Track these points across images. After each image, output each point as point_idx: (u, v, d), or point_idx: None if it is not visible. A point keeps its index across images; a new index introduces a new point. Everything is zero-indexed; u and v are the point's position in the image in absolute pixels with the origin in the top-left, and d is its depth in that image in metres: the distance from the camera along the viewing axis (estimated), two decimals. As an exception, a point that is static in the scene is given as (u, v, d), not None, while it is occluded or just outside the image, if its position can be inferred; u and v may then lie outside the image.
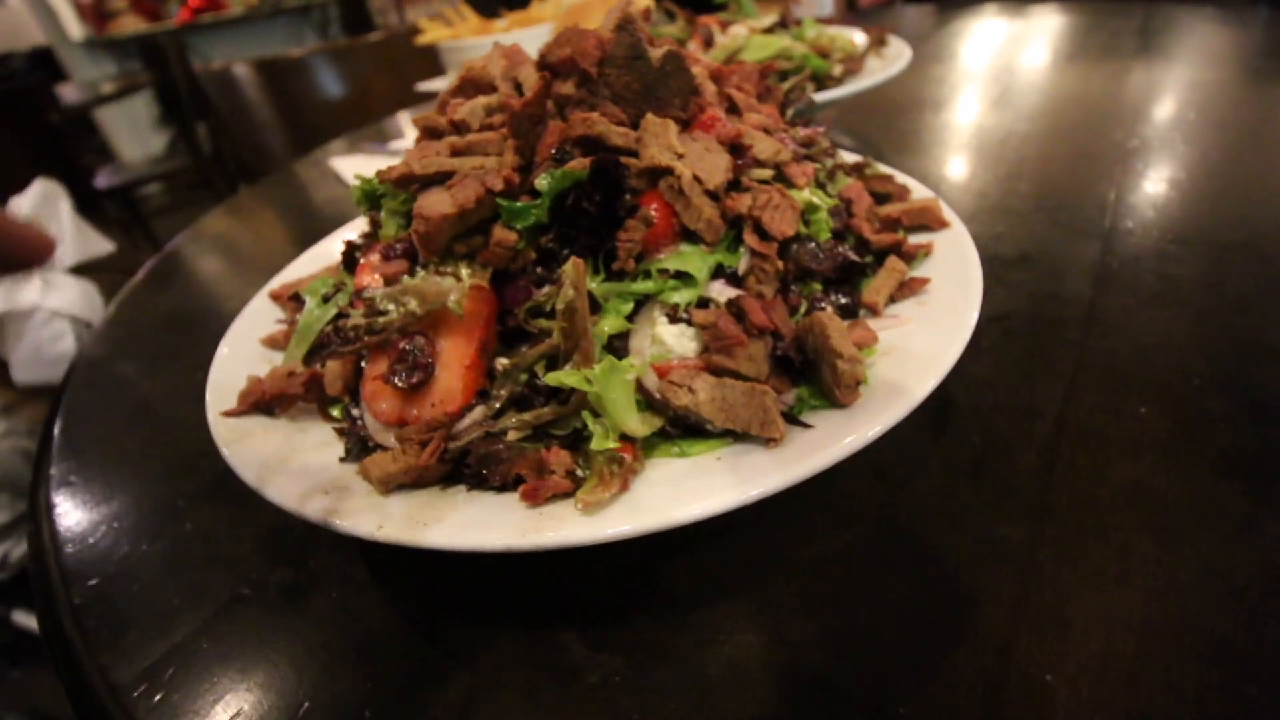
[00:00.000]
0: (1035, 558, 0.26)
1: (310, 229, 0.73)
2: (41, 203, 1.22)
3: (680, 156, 0.27)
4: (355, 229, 0.46)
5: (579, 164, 0.26)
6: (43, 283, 1.00)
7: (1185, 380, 0.33)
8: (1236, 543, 0.25)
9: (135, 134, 3.88)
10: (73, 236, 1.31)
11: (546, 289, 0.26)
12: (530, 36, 0.96)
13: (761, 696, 0.23)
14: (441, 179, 0.27)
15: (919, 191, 0.38)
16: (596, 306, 0.26)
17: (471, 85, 0.33)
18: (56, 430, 0.44)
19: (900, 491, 0.29)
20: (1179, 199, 0.49)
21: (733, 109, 0.34)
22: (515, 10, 1.09)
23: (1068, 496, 0.28)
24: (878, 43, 0.74)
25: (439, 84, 1.09)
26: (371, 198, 0.31)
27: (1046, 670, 0.22)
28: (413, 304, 0.25)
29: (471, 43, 0.96)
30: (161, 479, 0.37)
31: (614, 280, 0.26)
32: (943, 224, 0.35)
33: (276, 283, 0.40)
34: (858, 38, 0.75)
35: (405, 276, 0.27)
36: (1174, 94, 0.70)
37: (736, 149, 0.30)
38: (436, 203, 0.25)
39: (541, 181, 0.25)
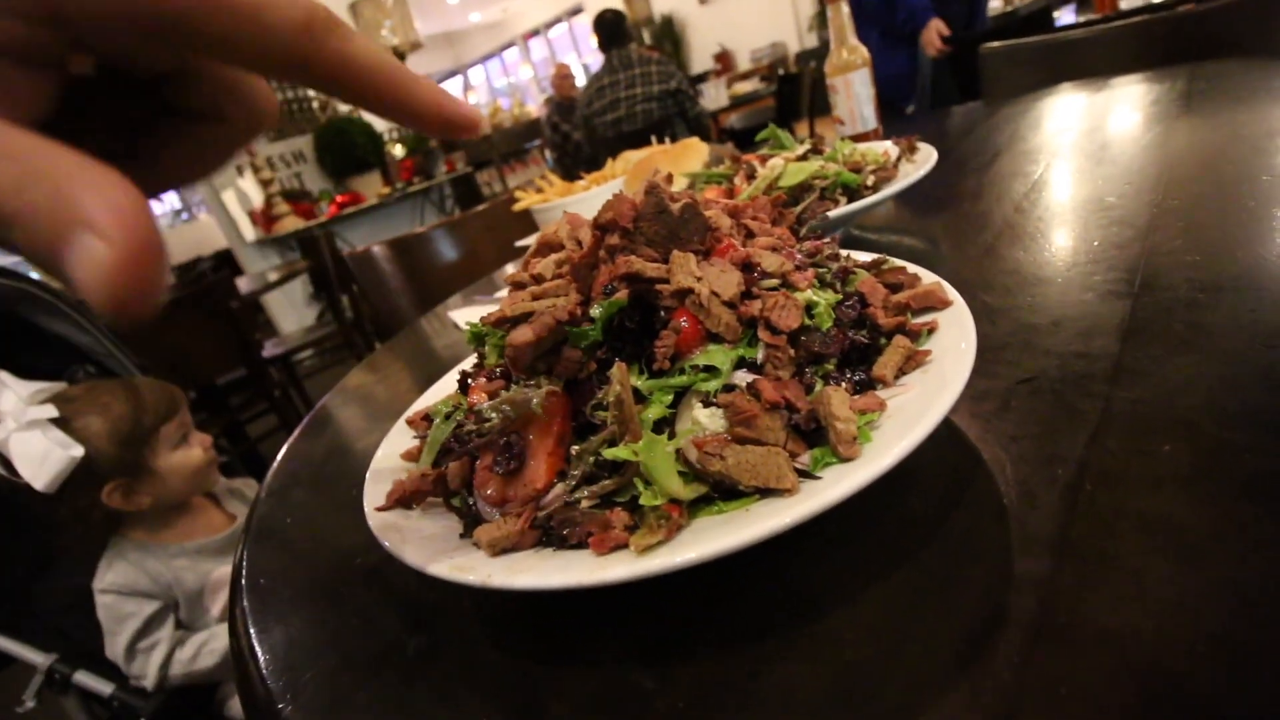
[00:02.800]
0: (1054, 585, 0.28)
1: (431, 371, 0.87)
2: None
3: (699, 279, 0.35)
4: (469, 364, 0.57)
5: (622, 294, 0.34)
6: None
7: (1210, 416, 0.35)
8: (1253, 558, 0.27)
9: (293, 310, 4.58)
10: None
11: (605, 389, 0.34)
12: (605, 192, 1.13)
13: (808, 712, 0.26)
14: (526, 317, 0.37)
15: (927, 278, 0.44)
16: (643, 399, 0.33)
17: (546, 247, 0.43)
18: (248, 543, 0.55)
19: (928, 537, 0.33)
20: (1213, 250, 0.51)
21: (751, 235, 0.43)
22: (592, 171, 1.28)
23: (1087, 530, 0.30)
24: (909, 150, 0.82)
25: (533, 239, 1.28)
26: (479, 337, 0.41)
27: (1059, 682, 0.25)
28: (508, 409, 0.34)
29: (558, 203, 1.14)
30: (328, 572, 0.47)
31: (655, 378, 0.34)
32: (946, 303, 0.40)
33: (410, 412, 0.50)
34: (890, 148, 0.83)
35: (503, 391, 0.36)
36: (1212, 149, 0.72)
37: (748, 267, 0.37)
38: (521, 334, 0.35)
39: (595, 310, 0.34)
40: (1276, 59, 1.02)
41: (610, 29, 3.25)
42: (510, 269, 1.32)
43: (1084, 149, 0.88)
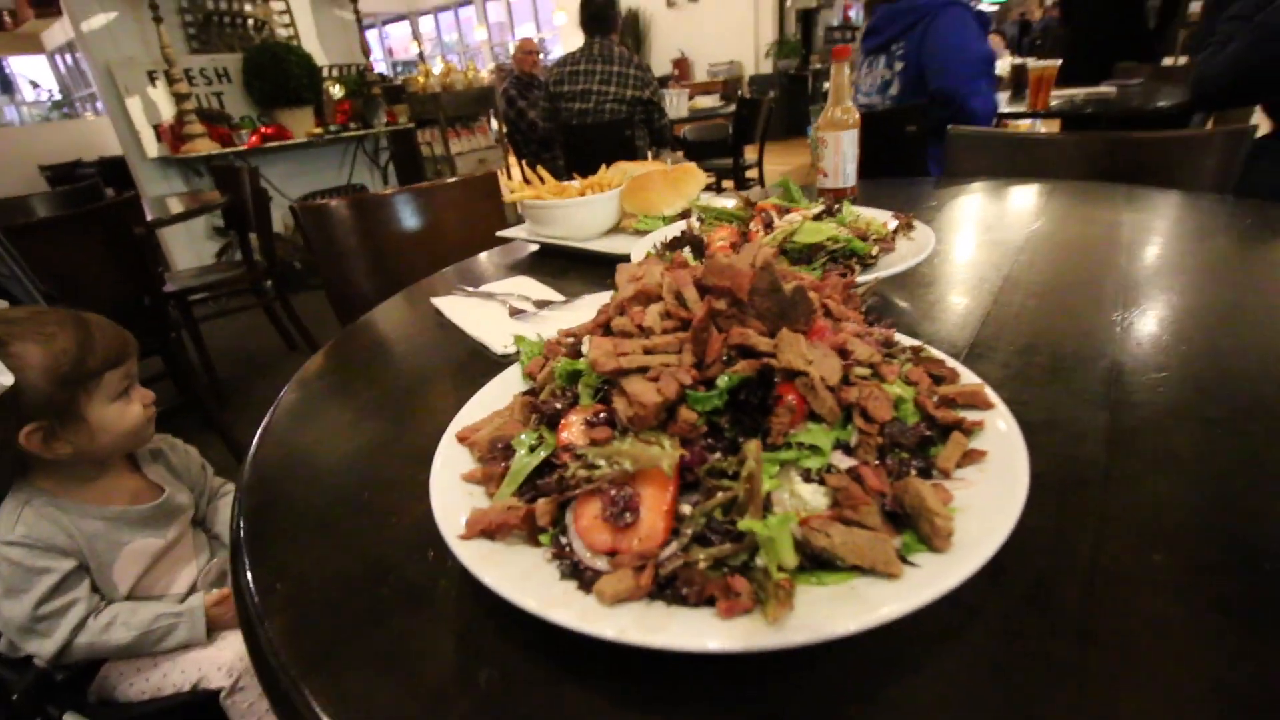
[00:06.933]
0: (1087, 673, 0.34)
1: (419, 367, 0.84)
2: None
3: (810, 362, 0.38)
4: (504, 382, 0.56)
5: (745, 366, 0.37)
6: None
7: (1188, 534, 0.42)
8: (1237, 665, 0.34)
9: (190, 243, 4.18)
10: None
11: (718, 455, 0.36)
12: (602, 200, 1.13)
13: (892, 777, 0.30)
14: (638, 371, 0.39)
15: (966, 375, 0.49)
16: (755, 469, 0.36)
17: (644, 295, 0.45)
18: (243, 533, 0.52)
19: (973, 617, 0.38)
20: (1169, 377, 0.60)
21: (828, 313, 0.46)
22: (542, 152, 1.28)
23: (1105, 625, 0.36)
24: (906, 226, 0.89)
25: (517, 232, 1.26)
26: (572, 376, 0.42)
27: (1106, 763, 0.30)
28: (626, 463, 0.35)
29: (553, 204, 1.13)
30: (365, 588, 0.45)
31: (767, 451, 0.37)
32: (989, 405, 0.46)
33: (460, 426, 0.50)
34: (888, 221, 0.90)
35: (614, 440, 0.37)
36: (1155, 277, 0.84)
37: (842, 352, 0.41)
38: (645, 391, 0.36)
39: (721, 380, 0.36)
40: (1192, 195, 1.19)
41: (597, 12, 3.19)
42: (484, 258, 1.29)
43: (1044, 249, 0.99)
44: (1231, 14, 1.86)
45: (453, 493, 0.43)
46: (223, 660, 0.97)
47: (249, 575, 0.48)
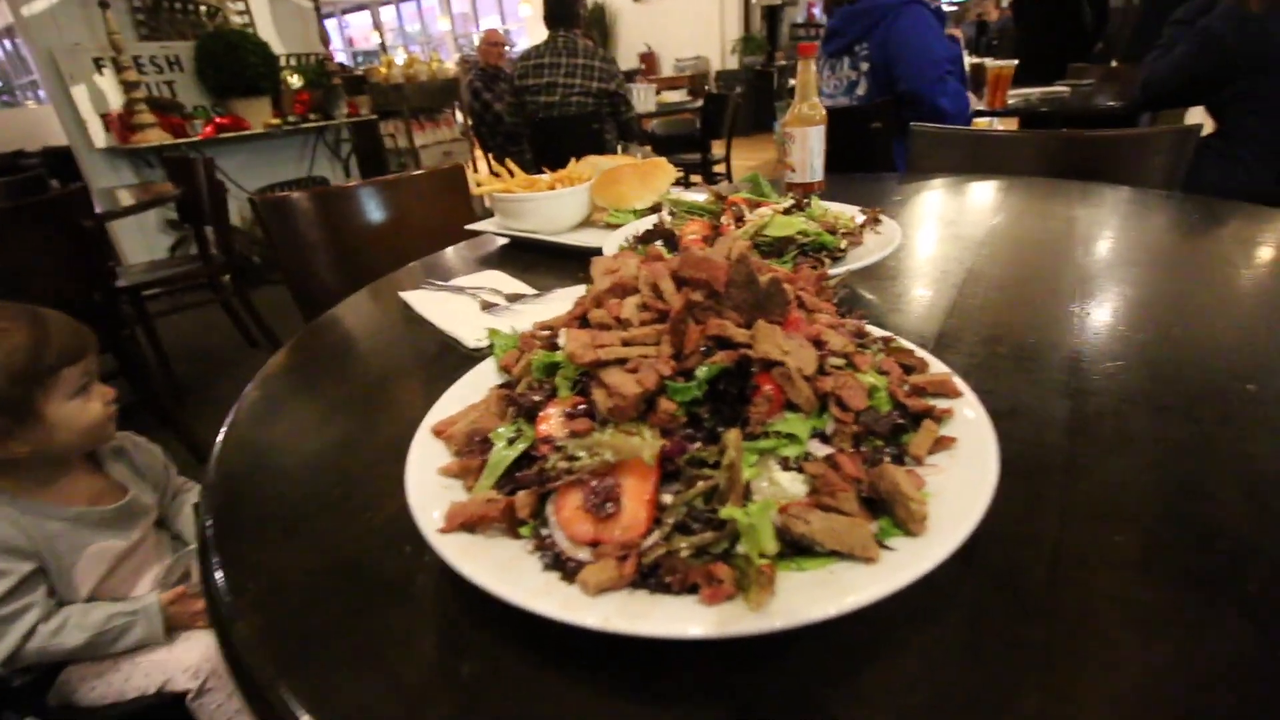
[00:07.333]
0: (1050, 652, 0.35)
1: (388, 361, 0.82)
2: None
3: (787, 353, 0.38)
4: (478, 376, 0.56)
5: (723, 357, 0.37)
6: None
7: (1146, 515, 0.44)
8: (1196, 640, 0.35)
9: (142, 237, 4.02)
10: None
11: (698, 445, 0.36)
12: (572, 194, 1.13)
13: (871, 755, 0.31)
14: (617, 362, 0.38)
15: (934, 365, 0.51)
16: (735, 459, 0.36)
17: (621, 288, 0.45)
18: (212, 532, 0.50)
19: (946, 599, 0.39)
20: (1125, 365, 0.63)
21: (801, 305, 0.47)
22: (509, 145, 1.27)
23: (1070, 604, 0.38)
24: (873, 220, 0.91)
25: (486, 225, 1.25)
26: (549, 368, 0.42)
27: (1073, 735, 0.31)
28: (608, 454, 0.35)
29: (523, 197, 1.12)
30: (335, 587, 0.44)
31: (746, 440, 0.37)
32: (957, 393, 0.47)
33: (435, 420, 0.49)
34: (855, 215, 0.92)
35: (595, 432, 0.37)
36: (1109, 269, 0.88)
37: (817, 343, 0.42)
38: (624, 383, 0.36)
39: (700, 371, 0.36)
40: (1141, 191, 1.24)
41: (560, 6, 3.17)
42: (452, 251, 1.28)
43: (1004, 244, 1.02)
44: (1175, 18, 1.94)
45: (429, 487, 0.43)
46: (188, 662, 0.94)
47: (219, 575, 0.47)
